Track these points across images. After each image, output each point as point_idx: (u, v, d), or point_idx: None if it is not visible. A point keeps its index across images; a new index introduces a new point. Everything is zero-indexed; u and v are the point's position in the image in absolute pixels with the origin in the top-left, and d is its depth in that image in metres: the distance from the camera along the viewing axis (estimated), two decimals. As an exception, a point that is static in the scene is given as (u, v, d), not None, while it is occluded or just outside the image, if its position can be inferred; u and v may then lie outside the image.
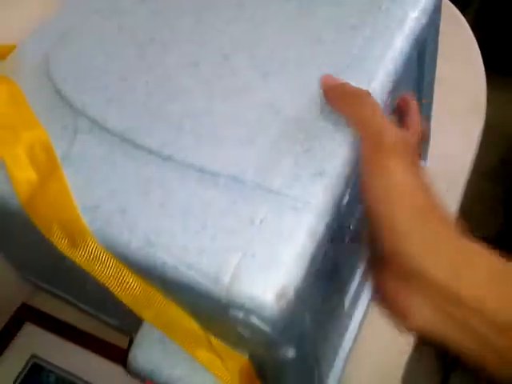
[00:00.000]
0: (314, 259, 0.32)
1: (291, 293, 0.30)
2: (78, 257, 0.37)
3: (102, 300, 0.52)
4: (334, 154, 0.35)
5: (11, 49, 0.53)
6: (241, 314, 0.31)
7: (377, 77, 0.39)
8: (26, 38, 0.53)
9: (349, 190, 0.35)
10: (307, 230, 0.32)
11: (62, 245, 0.38)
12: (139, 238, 0.34)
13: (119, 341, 0.58)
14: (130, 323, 0.53)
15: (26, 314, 0.61)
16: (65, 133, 0.42)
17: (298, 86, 0.40)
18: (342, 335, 0.50)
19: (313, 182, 0.34)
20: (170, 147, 0.38)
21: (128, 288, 0.36)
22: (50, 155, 0.41)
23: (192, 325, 0.36)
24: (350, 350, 0.51)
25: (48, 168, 0.40)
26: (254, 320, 0.31)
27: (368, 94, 0.34)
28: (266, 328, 0.31)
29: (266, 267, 0.31)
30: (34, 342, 0.59)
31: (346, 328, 0.50)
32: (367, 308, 0.52)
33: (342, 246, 0.40)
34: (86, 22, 0.52)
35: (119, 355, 0.57)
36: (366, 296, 0.53)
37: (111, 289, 0.38)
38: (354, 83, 0.38)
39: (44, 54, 0.50)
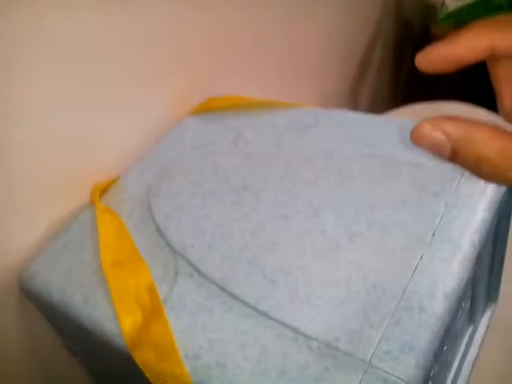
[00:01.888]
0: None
1: None
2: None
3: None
4: (423, 327, 0.38)
5: (114, 181, 0.59)
6: None
7: (462, 246, 0.42)
8: (127, 171, 0.59)
9: (436, 364, 0.38)
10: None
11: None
12: (238, 394, 0.37)
13: None
14: None
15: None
16: (166, 274, 0.47)
17: (384, 251, 0.43)
18: None
19: (403, 357, 0.36)
20: (265, 303, 0.42)
21: None
22: (153, 296, 0.45)
23: None
24: None
25: (152, 309, 0.44)
26: None
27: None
28: None
29: None
30: None
31: None
32: None
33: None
34: (184, 159, 0.58)
35: None
36: None
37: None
38: (439, 252, 0.42)
39: (145, 187, 0.56)
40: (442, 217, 0.44)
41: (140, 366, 0.42)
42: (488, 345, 0.60)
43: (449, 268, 0.41)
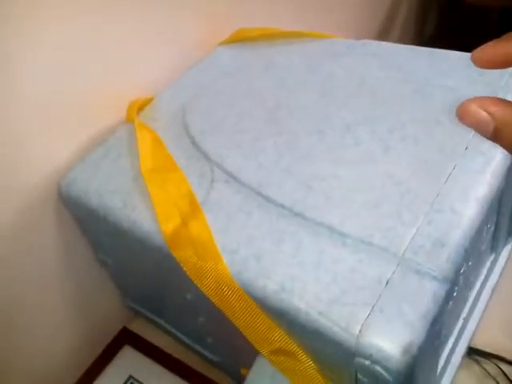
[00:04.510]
0: (435, 321, 0.35)
1: (415, 349, 0.34)
2: (211, 290, 0.42)
3: (208, 334, 0.56)
4: (455, 227, 0.39)
5: (149, 101, 0.60)
6: (366, 363, 0.34)
7: (494, 159, 0.43)
8: (162, 91, 0.60)
9: (467, 262, 0.39)
10: (431, 294, 0.35)
11: (198, 280, 0.43)
12: (274, 284, 0.39)
13: (206, 370, 0.62)
14: (231, 359, 0.58)
15: (126, 338, 0.66)
16: (202, 181, 0.48)
17: (417, 162, 0.44)
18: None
19: (435, 252, 0.37)
20: (300, 205, 0.43)
21: (254, 324, 0.41)
22: (191, 199, 0.46)
23: (308, 364, 0.40)
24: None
25: (190, 210, 0.45)
26: (379, 369, 0.34)
27: None
28: (388, 378, 0.34)
29: (392, 323, 0.34)
30: (132, 365, 0.63)
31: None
32: (452, 380, 0.54)
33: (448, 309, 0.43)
34: (218, 82, 0.59)
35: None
36: (452, 364, 0.55)
37: (238, 323, 0.42)
38: (471, 164, 0.43)
39: (180, 106, 0.57)
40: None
41: (180, 263, 0.43)
42: (507, 274, 0.61)
43: (481, 177, 0.42)
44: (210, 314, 0.47)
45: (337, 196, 0.43)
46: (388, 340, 0.34)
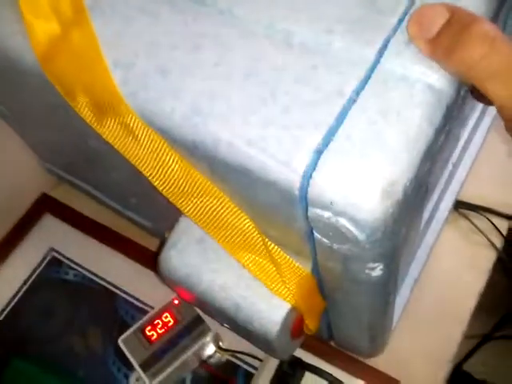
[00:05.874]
0: (429, 150, 0.22)
1: (400, 191, 0.21)
2: (106, 128, 0.28)
3: (129, 193, 0.43)
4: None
5: None
6: (325, 215, 0.22)
7: None
8: None
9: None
10: (423, 110, 0.22)
11: (85, 113, 0.28)
12: (185, 105, 0.25)
13: (145, 241, 0.50)
14: (162, 223, 0.45)
15: (46, 205, 0.53)
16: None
17: None
18: (410, 263, 0.41)
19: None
20: (228, -2, 0.27)
21: (166, 170, 0.27)
22: (75, 2, 0.30)
23: (243, 221, 0.27)
24: (417, 278, 0.43)
25: (72, 17, 0.30)
26: (345, 224, 0.21)
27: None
28: (359, 236, 0.21)
29: (364, 153, 0.21)
30: (53, 235, 0.51)
31: (414, 256, 0.42)
32: (437, 236, 0.43)
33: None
34: None
35: (144, 255, 0.49)
36: (437, 219, 0.43)
37: (144, 171, 0.28)
38: None
39: None
40: None
41: (52, 82, 0.28)
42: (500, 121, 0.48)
43: None
44: (121, 165, 0.33)
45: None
46: (357, 178, 0.21)
